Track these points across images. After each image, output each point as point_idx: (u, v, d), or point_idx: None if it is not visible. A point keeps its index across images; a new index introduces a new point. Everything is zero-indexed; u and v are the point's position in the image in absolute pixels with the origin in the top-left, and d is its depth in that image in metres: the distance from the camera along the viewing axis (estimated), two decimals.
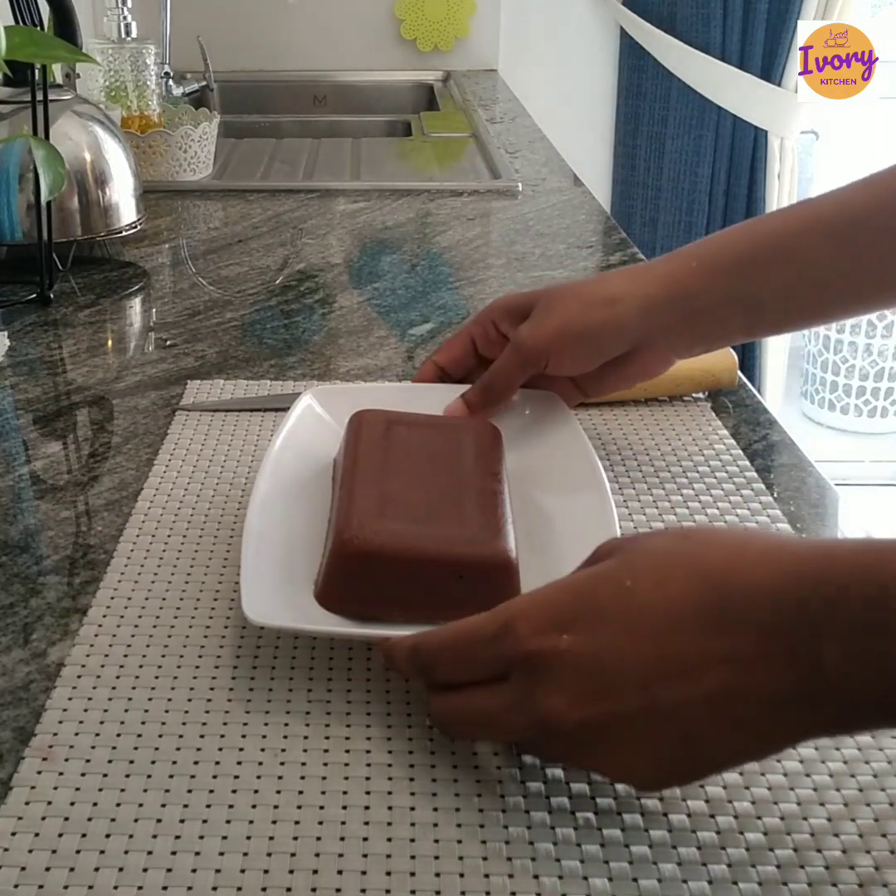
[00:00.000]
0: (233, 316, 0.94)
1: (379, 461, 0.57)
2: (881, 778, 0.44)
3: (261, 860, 0.40)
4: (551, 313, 0.64)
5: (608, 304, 0.63)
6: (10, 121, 1.00)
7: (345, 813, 0.42)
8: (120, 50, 1.34)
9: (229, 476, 0.66)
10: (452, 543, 0.51)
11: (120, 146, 1.08)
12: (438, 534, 0.52)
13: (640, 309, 0.62)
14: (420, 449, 0.58)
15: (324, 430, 0.64)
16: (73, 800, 0.42)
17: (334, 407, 0.65)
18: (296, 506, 0.58)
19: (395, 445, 0.58)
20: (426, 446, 0.59)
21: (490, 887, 0.39)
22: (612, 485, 0.59)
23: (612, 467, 0.67)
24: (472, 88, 2.06)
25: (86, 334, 0.90)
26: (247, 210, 1.28)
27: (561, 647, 0.40)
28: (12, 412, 0.76)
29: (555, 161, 1.53)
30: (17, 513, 0.63)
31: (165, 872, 0.40)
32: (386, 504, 0.53)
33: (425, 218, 1.25)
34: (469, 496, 0.55)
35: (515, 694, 0.41)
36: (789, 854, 0.41)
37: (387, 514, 0.53)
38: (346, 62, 2.18)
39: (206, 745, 0.45)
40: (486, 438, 0.60)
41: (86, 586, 0.56)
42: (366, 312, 0.96)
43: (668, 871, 0.40)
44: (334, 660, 0.50)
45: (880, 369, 2.69)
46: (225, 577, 0.56)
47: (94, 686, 0.48)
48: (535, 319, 0.64)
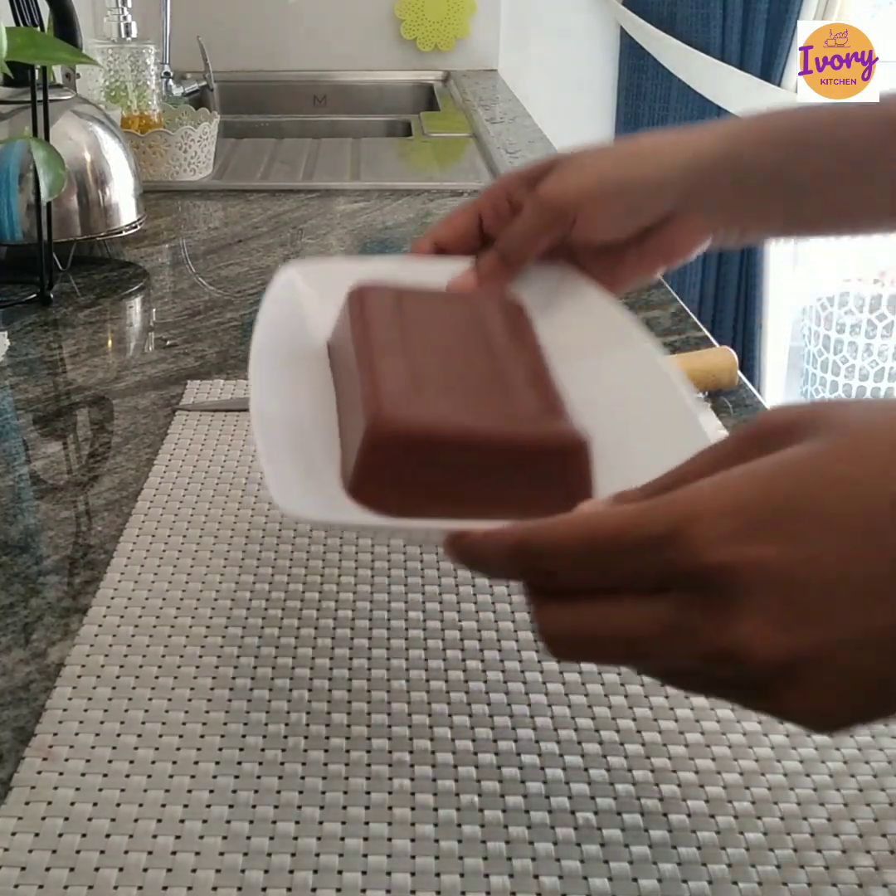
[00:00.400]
0: (233, 316, 0.94)
1: (397, 337, 0.47)
2: (881, 778, 0.44)
3: (261, 860, 0.40)
4: (582, 168, 0.55)
5: (650, 156, 0.55)
6: (10, 121, 1.00)
7: (345, 813, 0.42)
8: (120, 50, 1.34)
9: (229, 476, 0.66)
10: (511, 422, 0.43)
11: (120, 146, 1.08)
12: (491, 413, 0.43)
13: (686, 164, 0.54)
14: (442, 324, 0.49)
15: (312, 310, 0.54)
16: (74, 799, 0.42)
17: (320, 284, 0.55)
18: (296, 391, 0.49)
19: (411, 321, 0.49)
20: (448, 321, 0.49)
21: (490, 888, 0.39)
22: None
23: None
24: (472, 88, 2.06)
25: (86, 334, 0.90)
26: (247, 210, 1.28)
27: (762, 558, 0.31)
28: (12, 412, 0.76)
29: None
30: (17, 513, 0.63)
31: (166, 872, 0.40)
32: (418, 382, 0.44)
33: (425, 218, 1.25)
34: (514, 373, 0.46)
35: (682, 615, 0.33)
36: (789, 854, 0.41)
37: (423, 392, 0.43)
38: (347, 62, 2.18)
39: (206, 745, 0.45)
40: (513, 312, 0.51)
41: (86, 586, 0.56)
42: None
43: (668, 871, 0.40)
44: (335, 660, 0.50)
45: (880, 369, 2.69)
46: (225, 576, 0.56)
47: (95, 686, 0.48)
48: (560, 173, 0.55)
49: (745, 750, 0.46)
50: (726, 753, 0.46)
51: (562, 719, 0.47)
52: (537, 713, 0.48)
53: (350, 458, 0.44)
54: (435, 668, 0.50)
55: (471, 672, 0.50)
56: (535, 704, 0.48)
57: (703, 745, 0.46)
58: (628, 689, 0.49)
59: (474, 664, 0.51)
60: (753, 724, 0.47)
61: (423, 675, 0.50)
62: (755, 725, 0.47)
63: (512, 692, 0.49)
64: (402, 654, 0.51)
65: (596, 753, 0.46)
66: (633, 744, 0.46)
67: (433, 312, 0.50)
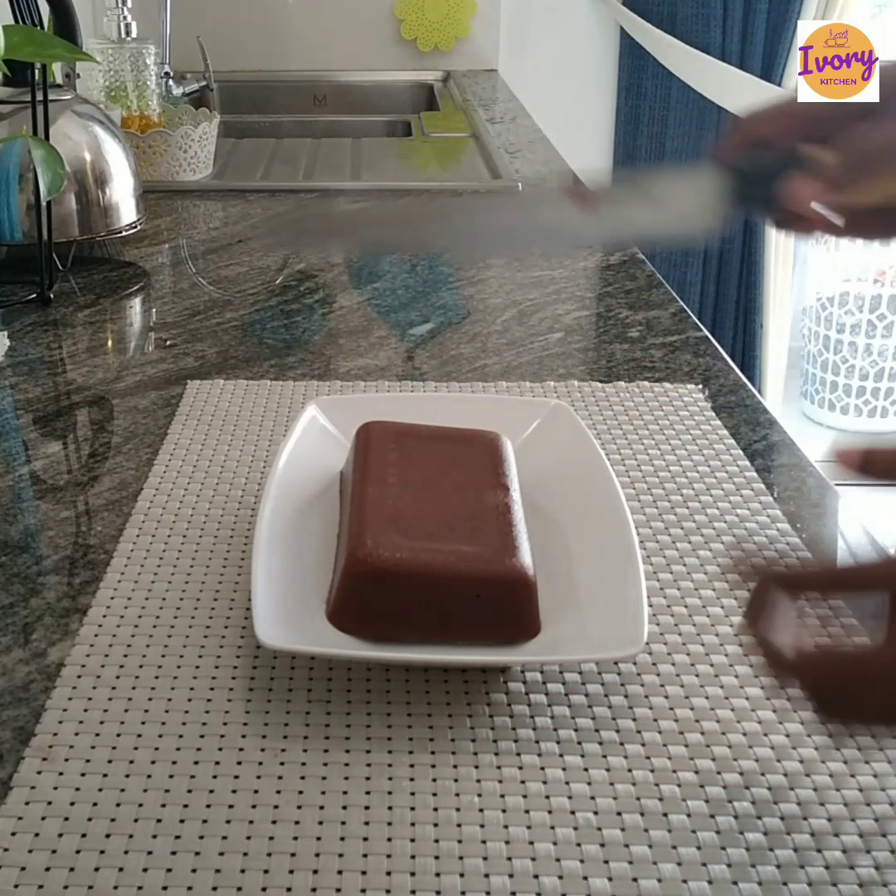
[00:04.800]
0: (233, 316, 0.94)
1: (389, 475, 0.55)
2: (881, 778, 0.44)
3: (261, 860, 0.40)
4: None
5: None
6: (9, 121, 1.00)
7: (345, 813, 0.42)
8: (120, 50, 1.34)
9: (229, 476, 0.66)
10: (470, 561, 0.50)
11: (120, 146, 1.08)
12: (454, 551, 0.50)
13: None
14: (431, 462, 0.57)
15: (329, 442, 0.63)
16: (73, 800, 0.42)
17: (339, 417, 0.65)
18: (303, 521, 0.57)
19: (405, 459, 0.57)
20: (436, 459, 0.57)
21: (490, 887, 0.39)
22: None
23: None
24: (472, 88, 2.06)
25: (86, 334, 0.90)
26: (247, 210, 1.28)
27: None
28: (12, 412, 0.76)
29: (555, 161, 1.53)
30: (17, 513, 0.63)
31: (165, 872, 0.40)
32: (399, 520, 0.52)
33: None
34: (484, 511, 0.53)
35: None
36: (790, 854, 0.41)
37: (400, 530, 0.51)
38: (346, 62, 2.18)
39: (206, 745, 0.45)
40: (496, 450, 0.59)
41: (86, 586, 0.56)
42: (366, 312, 0.96)
43: (668, 871, 0.40)
44: (334, 660, 0.50)
45: (880, 369, 2.69)
46: (225, 576, 0.56)
47: (94, 686, 0.48)
48: None
49: (746, 750, 0.46)
50: (727, 754, 0.46)
51: (561, 719, 0.47)
52: (537, 713, 0.48)
53: (334, 586, 0.51)
54: (434, 667, 0.50)
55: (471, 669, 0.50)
56: (535, 704, 0.48)
57: (703, 746, 0.46)
58: (628, 690, 0.49)
59: None
60: (754, 724, 0.47)
61: (423, 676, 0.50)
62: (755, 726, 0.47)
63: (512, 692, 0.49)
64: None
65: (596, 753, 0.45)
66: (633, 744, 0.46)
67: (426, 451, 0.58)
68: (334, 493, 0.60)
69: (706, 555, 0.59)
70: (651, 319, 0.93)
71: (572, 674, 0.50)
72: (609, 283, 1.05)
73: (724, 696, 0.49)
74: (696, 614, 0.54)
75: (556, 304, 0.97)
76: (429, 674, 0.50)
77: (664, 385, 0.80)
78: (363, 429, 0.60)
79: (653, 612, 0.54)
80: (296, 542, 0.55)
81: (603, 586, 0.52)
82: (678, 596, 0.56)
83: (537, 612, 0.50)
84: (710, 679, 0.50)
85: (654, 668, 0.50)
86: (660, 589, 0.56)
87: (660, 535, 0.61)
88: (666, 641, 0.52)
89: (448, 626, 0.49)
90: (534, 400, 0.66)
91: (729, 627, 0.53)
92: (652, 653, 0.51)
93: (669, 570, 0.58)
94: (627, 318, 0.94)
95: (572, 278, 1.04)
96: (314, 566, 0.54)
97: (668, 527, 0.62)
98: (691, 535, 0.61)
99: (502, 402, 0.74)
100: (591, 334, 0.93)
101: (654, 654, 0.51)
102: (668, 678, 0.50)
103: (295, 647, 0.48)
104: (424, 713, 0.47)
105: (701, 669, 0.51)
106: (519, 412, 0.66)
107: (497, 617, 0.49)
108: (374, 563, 0.49)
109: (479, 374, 0.82)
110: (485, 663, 0.50)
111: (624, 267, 1.08)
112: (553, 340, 0.89)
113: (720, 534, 0.61)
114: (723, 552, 0.59)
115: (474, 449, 0.59)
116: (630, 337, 0.90)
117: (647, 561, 0.58)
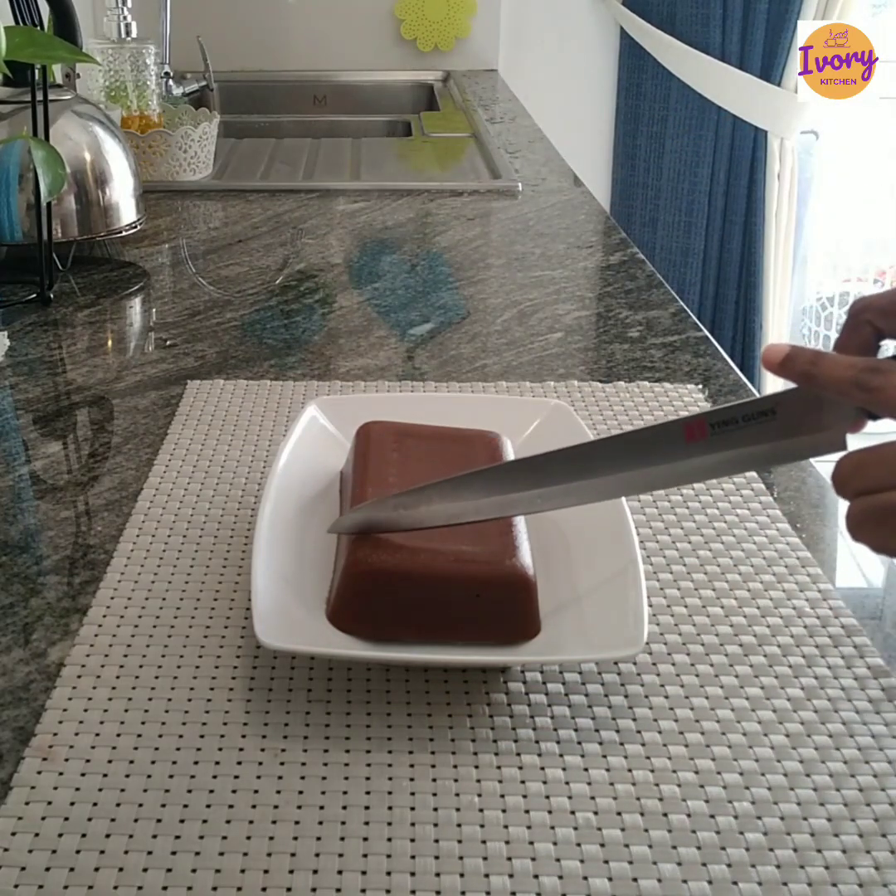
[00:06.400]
0: (233, 316, 0.94)
1: (389, 475, 0.56)
2: (881, 778, 0.44)
3: (261, 860, 0.40)
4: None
5: None
6: (9, 121, 1.00)
7: (345, 813, 0.42)
8: (120, 50, 1.34)
9: (229, 476, 0.66)
10: (469, 562, 0.50)
11: (120, 146, 1.08)
12: (454, 551, 0.50)
13: None
14: (430, 462, 0.57)
15: (329, 442, 0.63)
16: (73, 800, 0.42)
17: (339, 417, 0.65)
18: (303, 521, 0.57)
19: (405, 459, 0.57)
20: (436, 459, 0.57)
21: (490, 887, 0.39)
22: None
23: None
24: (472, 88, 2.06)
25: (86, 334, 0.90)
26: (247, 210, 1.28)
27: None
28: (12, 412, 0.76)
29: (555, 161, 1.53)
30: (17, 513, 0.63)
31: (165, 872, 0.40)
32: None
33: (425, 218, 1.25)
34: None
35: None
36: (789, 854, 0.41)
37: None
38: (347, 62, 2.18)
39: (206, 745, 0.45)
40: (496, 449, 0.59)
41: (86, 586, 0.56)
42: (366, 312, 0.96)
43: (668, 871, 0.40)
44: (334, 660, 0.50)
45: None
46: (225, 576, 0.56)
47: (94, 686, 0.48)
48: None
49: (746, 750, 0.46)
50: (726, 754, 0.46)
51: (561, 719, 0.47)
52: (537, 713, 0.48)
53: (334, 586, 0.51)
54: (433, 666, 0.50)
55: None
56: (535, 704, 0.48)
57: (703, 746, 0.46)
58: (628, 690, 0.49)
59: None
60: (754, 724, 0.47)
61: (423, 676, 0.50)
62: (755, 726, 0.47)
63: (512, 692, 0.49)
64: None
65: (596, 753, 0.45)
66: (633, 744, 0.46)
67: (425, 451, 0.58)
68: (334, 493, 0.60)
69: (706, 555, 0.59)
70: (651, 319, 0.93)
71: (572, 674, 0.50)
72: (609, 283, 1.05)
73: (724, 696, 0.49)
74: (696, 614, 0.54)
75: (556, 304, 0.97)
76: (429, 674, 0.50)
77: (664, 385, 0.80)
78: (363, 429, 0.60)
79: (653, 612, 0.54)
80: (296, 543, 0.55)
81: (603, 586, 0.52)
82: (678, 596, 0.56)
83: (537, 613, 0.50)
84: (710, 679, 0.50)
85: (654, 668, 0.50)
86: (660, 589, 0.56)
87: (660, 535, 0.61)
88: (666, 641, 0.52)
89: (448, 627, 0.49)
90: (534, 400, 0.66)
91: (729, 627, 0.53)
92: (652, 653, 0.51)
93: (669, 570, 0.58)
94: (627, 318, 0.94)
95: (572, 278, 1.04)
96: (314, 566, 0.54)
97: (668, 527, 0.62)
98: (691, 535, 0.61)
99: (502, 402, 0.74)
100: (591, 334, 0.93)
101: (654, 654, 0.51)
102: (668, 678, 0.50)
103: (295, 647, 0.48)
104: (424, 713, 0.47)
105: (701, 669, 0.51)
106: (519, 412, 0.66)
107: (497, 617, 0.49)
108: (375, 564, 0.50)
109: (479, 374, 0.82)
110: (485, 663, 0.50)
111: (624, 267, 1.08)
112: (553, 340, 0.89)
113: (720, 534, 0.61)
114: (723, 552, 0.59)
115: (474, 449, 0.59)
116: (630, 337, 0.90)
117: (647, 561, 0.58)
